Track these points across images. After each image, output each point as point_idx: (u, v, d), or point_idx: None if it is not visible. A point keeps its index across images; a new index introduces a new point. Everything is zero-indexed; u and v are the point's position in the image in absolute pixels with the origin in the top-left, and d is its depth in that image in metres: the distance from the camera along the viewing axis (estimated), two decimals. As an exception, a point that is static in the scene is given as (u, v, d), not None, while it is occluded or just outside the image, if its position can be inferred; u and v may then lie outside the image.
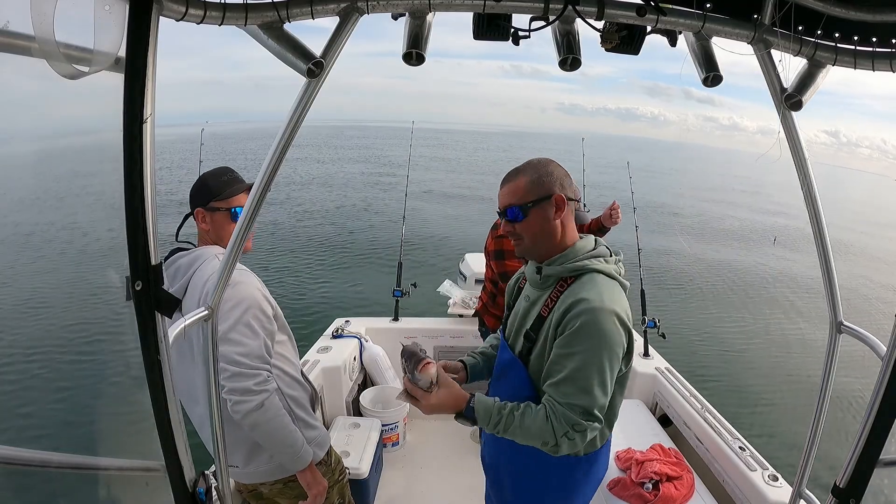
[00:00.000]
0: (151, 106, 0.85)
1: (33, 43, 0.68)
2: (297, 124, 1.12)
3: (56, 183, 12.87)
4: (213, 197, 1.49)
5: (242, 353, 1.31)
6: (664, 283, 8.86)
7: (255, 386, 1.31)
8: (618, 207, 2.55)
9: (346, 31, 1.08)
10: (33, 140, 9.24)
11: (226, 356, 1.30)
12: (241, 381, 1.29)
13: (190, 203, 1.50)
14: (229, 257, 1.21)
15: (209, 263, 1.42)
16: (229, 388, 1.30)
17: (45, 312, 5.93)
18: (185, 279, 1.41)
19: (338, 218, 13.82)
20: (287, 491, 1.53)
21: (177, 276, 1.43)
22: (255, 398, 1.30)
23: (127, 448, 1.16)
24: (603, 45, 1.20)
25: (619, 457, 2.11)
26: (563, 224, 1.27)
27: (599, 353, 1.13)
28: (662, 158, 64.86)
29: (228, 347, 1.31)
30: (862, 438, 1.14)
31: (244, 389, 1.30)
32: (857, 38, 1.12)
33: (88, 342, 4.95)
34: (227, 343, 1.31)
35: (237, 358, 1.30)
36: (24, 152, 11.19)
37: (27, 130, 1.75)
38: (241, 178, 1.54)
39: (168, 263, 1.44)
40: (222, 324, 1.31)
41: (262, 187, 1.16)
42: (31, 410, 3.84)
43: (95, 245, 7.94)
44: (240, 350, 1.31)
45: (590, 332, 1.13)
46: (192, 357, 1.40)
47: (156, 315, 0.94)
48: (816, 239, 1.32)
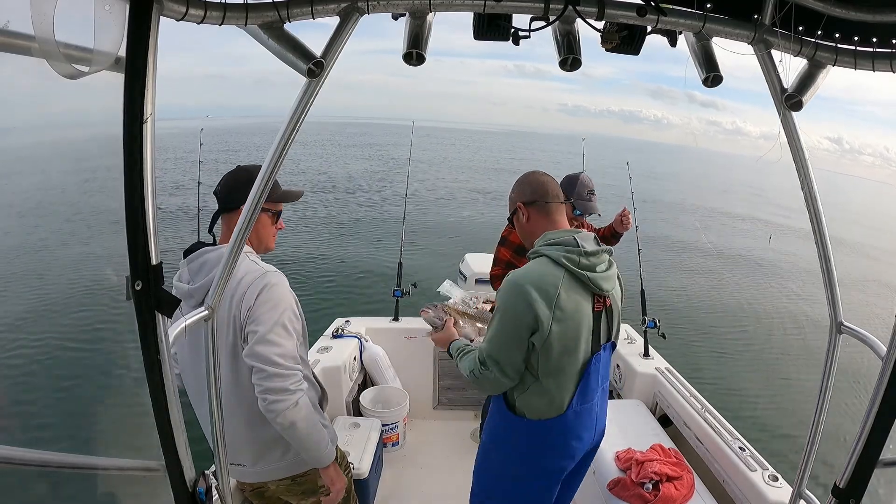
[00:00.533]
0: (152, 106, 0.85)
1: (33, 43, 0.68)
2: (297, 124, 1.12)
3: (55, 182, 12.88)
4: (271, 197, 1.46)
5: (280, 354, 1.33)
6: (664, 283, 8.86)
7: (292, 385, 1.33)
8: (628, 214, 2.59)
9: (346, 31, 1.08)
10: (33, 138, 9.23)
11: (264, 357, 1.31)
12: (280, 381, 1.31)
13: (231, 199, 1.43)
14: (230, 257, 1.21)
15: (240, 262, 1.38)
16: (266, 387, 1.31)
17: (45, 312, 5.93)
18: (213, 275, 1.38)
19: (338, 217, 13.82)
20: (294, 487, 1.53)
21: (202, 270, 1.38)
22: (292, 397, 1.33)
23: (127, 448, 1.16)
24: (603, 46, 1.20)
25: (619, 457, 2.11)
26: (535, 224, 1.55)
27: (500, 315, 1.42)
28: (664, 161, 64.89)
29: (267, 348, 1.32)
30: (862, 438, 1.14)
31: (281, 389, 1.31)
32: (857, 38, 1.12)
33: (88, 342, 4.95)
34: (266, 344, 1.32)
35: (276, 359, 1.32)
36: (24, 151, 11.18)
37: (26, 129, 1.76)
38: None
39: (193, 257, 1.40)
40: (259, 325, 1.32)
41: (262, 187, 1.16)
42: (31, 410, 3.84)
43: (96, 245, 7.94)
44: (277, 351, 1.33)
45: (500, 298, 1.44)
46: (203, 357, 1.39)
47: (156, 315, 0.94)
48: (816, 239, 1.32)
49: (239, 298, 1.34)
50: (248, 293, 1.34)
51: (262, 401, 1.32)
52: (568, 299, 1.36)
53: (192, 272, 1.39)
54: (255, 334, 1.32)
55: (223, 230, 1.48)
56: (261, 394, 1.32)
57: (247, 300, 1.34)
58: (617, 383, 3.06)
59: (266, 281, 1.36)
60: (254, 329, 1.33)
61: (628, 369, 2.95)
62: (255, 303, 1.33)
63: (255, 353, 1.31)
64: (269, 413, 1.33)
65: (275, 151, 1.13)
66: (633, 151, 76.81)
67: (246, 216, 1.18)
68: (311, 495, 1.54)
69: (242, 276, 1.36)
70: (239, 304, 1.34)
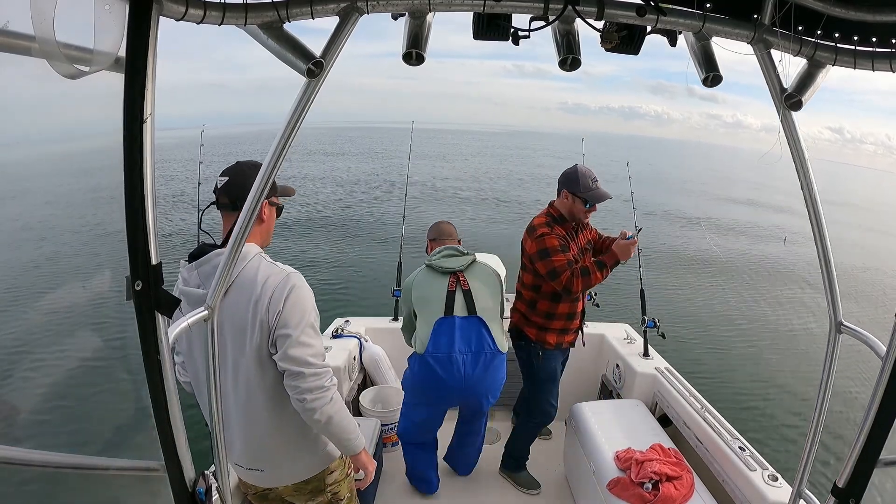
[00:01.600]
0: (151, 106, 0.85)
1: (33, 43, 0.68)
2: (297, 124, 1.12)
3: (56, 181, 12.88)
4: (276, 191, 1.46)
5: (313, 354, 1.34)
6: (664, 282, 8.86)
7: (327, 382, 1.36)
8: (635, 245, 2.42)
9: (346, 31, 1.08)
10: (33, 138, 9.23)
11: (299, 359, 1.32)
12: (316, 381, 1.33)
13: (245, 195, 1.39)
14: (230, 257, 1.21)
15: (256, 263, 1.37)
16: (303, 388, 1.32)
17: (45, 312, 5.93)
18: (231, 277, 1.34)
19: (338, 217, 13.82)
20: (303, 487, 1.54)
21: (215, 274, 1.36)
22: (328, 394, 1.35)
23: (127, 448, 1.16)
24: (603, 45, 1.20)
25: (618, 457, 2.11)
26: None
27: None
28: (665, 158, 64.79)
29: (300, 350, 1.32)
30: (862, 438, 1.14)
31: (318, 387, 1.33)
32: (856, 38, 1.12)
33: (88, 342, 4.94)
34: (299, 346, 1.32)
35: (310, 360, 1.33)
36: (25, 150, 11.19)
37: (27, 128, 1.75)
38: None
39: (203, 261, 1.36)
40: (291, 329, 1.32)
41: (261, 187, 1.16)
42: (31, 410, 3.83)
43: (96, 244, 7.94)
44: (311, 352, 1.34)
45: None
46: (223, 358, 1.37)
47: (156, 315, 0.94)
48: (816, 239, 1.32)
49: (266, 302, 1.32)
50: (274, 297, 1.33)
51: (300, 401, 1.33)
52: (423, 280, 2.29)
53: (203, 276, 1.35)
54: (289, 338, 1.32)
55: (224, 229, 1.45)
56: (297, 394, 1.33)
57: (274, 304, 1.33)
58: (617, 383, 3.06)
59: (291, 283, 1.36)
60: (286, 333, 1.32)
61: (628, 369, 2.95)
62: (283, 307, 1.33)
63: (290, 357, 1.32)
64: (308, 412, 1.34)
65: (275, 151, 1.13)
66: (634, 149, 76.77)
67: (246, 215, 1.18)
68: (319, 495, 1.54)
69: (265, 279, 1.34)
70: (266, 309, 1.32)
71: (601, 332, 3.22)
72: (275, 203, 1.48)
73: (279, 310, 1.33)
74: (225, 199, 1.40)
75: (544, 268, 2.28)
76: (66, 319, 5.67)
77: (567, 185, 2.34)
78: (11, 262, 7.48)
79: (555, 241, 2.28)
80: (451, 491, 2.62)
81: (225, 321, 1.33)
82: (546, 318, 2.41)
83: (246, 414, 1.41)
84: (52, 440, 2.84)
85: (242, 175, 1.39)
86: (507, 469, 2.69)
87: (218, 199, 1.42)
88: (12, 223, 9.07)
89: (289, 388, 1.35)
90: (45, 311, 5.98)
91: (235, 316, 1.34)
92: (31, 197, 11.04)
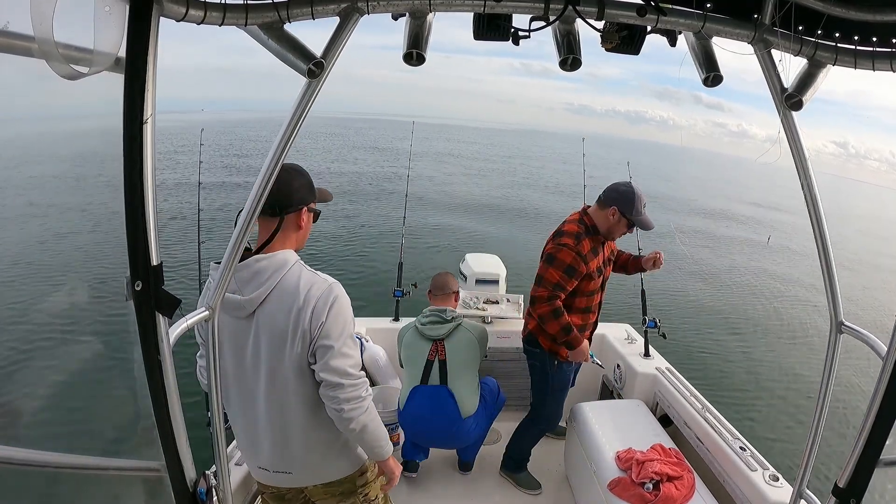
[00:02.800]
0: (152, 106, 0.85)
1: (33, 44, 0.68)
2: (297, 124, 1.12)
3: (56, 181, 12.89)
4: (314, 197, 1.43)
5: (352, 365, 1.35)
6: (664, 283, 8.86)
7: (364, 393, 1.37)
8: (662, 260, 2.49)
9: (346, 32, 1.08)
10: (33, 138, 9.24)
11: (340, 370, 1.32)
12: (354, 391, 1.34)
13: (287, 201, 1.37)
14: (230, 257, 1.21)
15: (297, 271, 1.36)
16: (342, 398, 1.32)
17: (46, 313, 5.93)
18: (269, 286, 1.33)
19: (338, 217, 13.82)
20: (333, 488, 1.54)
21: (255, 280, 1.32)
22: (364, 403, 1.36)
23: (127, 448, 1.16)
24: (603, 45, 1.20)
25: (619, 457, 2.11)
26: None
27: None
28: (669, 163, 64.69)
29: (341, 361, 1.33)
30: (862, 438, 1.14)
31: (356, 398, 1.34)
32: (857, 37, 1.12)
33: (89, 342, 4.95)
34: (340, 357, 1.33)
35: (350, 371, 1.34)
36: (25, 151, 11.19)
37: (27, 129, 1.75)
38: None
39: (242, 266, 1.32)
40: (333, 339, 1.32)
41: (262, 186, 1.16)
42: (31, 410, 3.84)
43: (96, 244, 7.95)
44: (350, 363, 1.35)
45: None
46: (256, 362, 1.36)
47: (156, 315, 0.94)
48: (817, 239, 1.31)
49: (309, 313, 1.31)
50: (317, 307, 1.32)
51: (337, 411, 1.33)
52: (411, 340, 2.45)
53: (241, 281, 1.32)
54: (331, 349, 1.32)
55: (260, 233, 1.40)
56: (335, 404, 1.33)
57: (317, 314, 1.32)
58: (617, 383, 3.06)
59: (334, 294, 1.35)
60: (328, 344, 1.32)
61: (629, 369, 2.95)
62: (326, 317, 1.32)
63: (332, 368, 1.32)
64: (344, 421, 1.35)
65: (275, 151, 1.13)
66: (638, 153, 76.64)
67: (248, 213, 1.18)
68: (350, 496, 1.55)
69: (308, 288, 1.33)
70: (309, 318, 1.31)
71: (602, 333, 3.22)
72: (312, 209, 1.46)
73: (322, 321, 1.31)
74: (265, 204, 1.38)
75: (542, 270, 2.26)
76: (66, 320, 5.67)
77: (620, 203, 2.24)
78: (11, 263, 7.48)
79: (568, 259, 2.21)
80: (451, 491, 2.62)
81: (262, 326, 1.33)
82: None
83: (279, 418, 1.40)
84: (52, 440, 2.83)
85: (284, 181, 1.35)
86: (508, 470, 2.69)
87: None
88: (12, 224, 9.08)
89: (325, 398, 1.35)
90: (45, 311, 5.98)
91: (275, 323, 1.32)
92: (32, 198, 11.06)
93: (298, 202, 1.40)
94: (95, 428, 2.44)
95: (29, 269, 7.47)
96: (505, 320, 3.24)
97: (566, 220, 2.36)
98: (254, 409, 1.40)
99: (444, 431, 2.42)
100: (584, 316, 2.38)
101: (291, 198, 1.38)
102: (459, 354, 2.40)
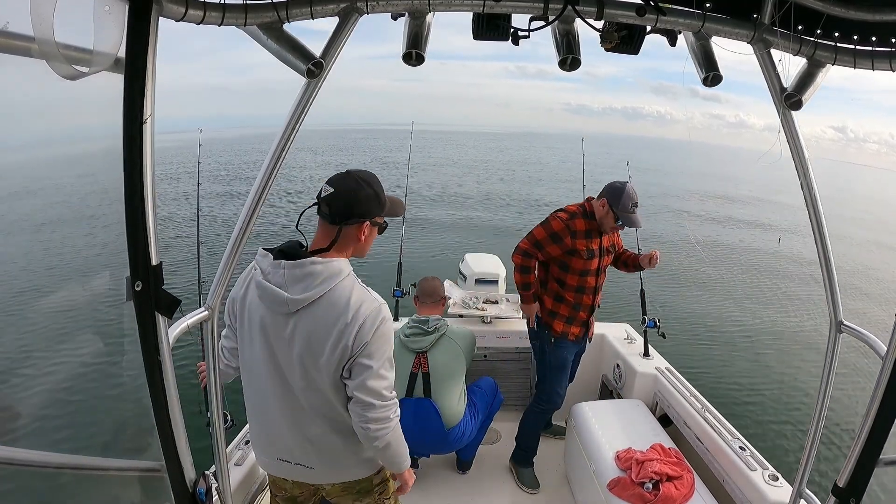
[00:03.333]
0: (151, 106, 0.85)
1: (33, 44, 0.68)
2: (296, 124, 1.12)
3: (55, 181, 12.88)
4: (381, 210, 1.37)
5: (387, 387, 1.35)
6: (664, 282, 8.86)
7: (393, 414, 1.37)
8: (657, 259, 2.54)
9: (345, 32, 1.08)
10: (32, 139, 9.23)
11: (375, 391, 1.32)
12: (384, 412, 1.34)
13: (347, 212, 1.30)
14: (230, 257, 1.21)
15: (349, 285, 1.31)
16: (371, 417, 1.32)
17: (46, 312, 5.93)
18: (319, 291, 1.28)
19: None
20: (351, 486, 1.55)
21: (305, 281, 1.28)
22: (391, 423, 1.36)
23: (127, 448, 1.16)
24: (603, 45, 1.20)
25: (619, 457, 2.11)
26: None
27: None
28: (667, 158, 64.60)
29: (378, 382, 1.32)
30: (862, 438, 1.14)
31: (385, 418, 1.34)
32: (856, 37, 1.12)
33: (89, 342, 4.94)
34: (378, 378, 1.32)
35: (384, 393, 1.34)
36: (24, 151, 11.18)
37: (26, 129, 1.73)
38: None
39: (297, 264, 1.27)
40: (373, 360, 1.31)
41: (261, 187, 1.16)
42: (31, 411, 3.84)
43: (96, 244, 7.95)
44: (385, 384, 1.34)
45: None
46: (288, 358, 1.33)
47: (156, 315, 0.94)
48: (816, 239, 1.32)
49: (354, 330, 1.28)
50: (364, 326, 1.29)
51: (364, 429, 1.33)
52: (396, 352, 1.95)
53: (291, 279, 1.28)
54: (369, 370, 1.31)
55: (318, 236, 1.35)
56: (363, 422, 1.33)
57: (363, 334, 1.29)
58: (617, 383, 3.06)
59: (382, 315, 1.33)
60: (367, 364, 1.30)
61: (628, 369, 2.95)
62: (371, 338, 1.30)
63: (367, 388, 1.31)
64: (369, 438, 1.35)
65: (275, 151, 1.13)
66: (637, 149, 76.52)
67: (247, 212, 1.18)
68: (367, 496, 1.56)
69: (358, 306, 1.30)
70: (354, 336, 1.29)
71: (601, 332, 3.22)
72: (377, 223, 1.39)
73: (366, 341, 1.29)
74: (325, 208, 1.31)
75: (534, 229, 2.44)
76: (66, 320, 5.67)
77: (609, 196, 2.38)
78: (11, 263, 7.48)
79: (556, 227, 2.37)
80: (451, 490, 2.62)
81: (301, 328, 1.29)
82: (555, 301, 2.48)
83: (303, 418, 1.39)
84: (52, 440, 2.84)
85: (348, 190, 1.30)
86: (516, 461, 2.71)
87: (319, 206, 1.33)
88: (12, 224, 9.08)
89: (354, 414, 1.34)
90: (45, 311, 5.98)
91: (316, 329, 1.30)
92: (31, 198, 11.05)
93: (360, 215, 1.32)
94: (95, 428, 2.43)
95: (28, 268, 7.47)
96: (504, 320, 3.24)
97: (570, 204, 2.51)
98: (277, 402, 1.39)
99: (430, 442, 2.42)
100: (576, 295, 2.45)
101: (352, 210, 1.30)
102: (443, 367, 2.38)
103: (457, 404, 2.42)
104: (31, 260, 7.81)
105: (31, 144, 11.14)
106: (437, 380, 2.38)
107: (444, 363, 2.39)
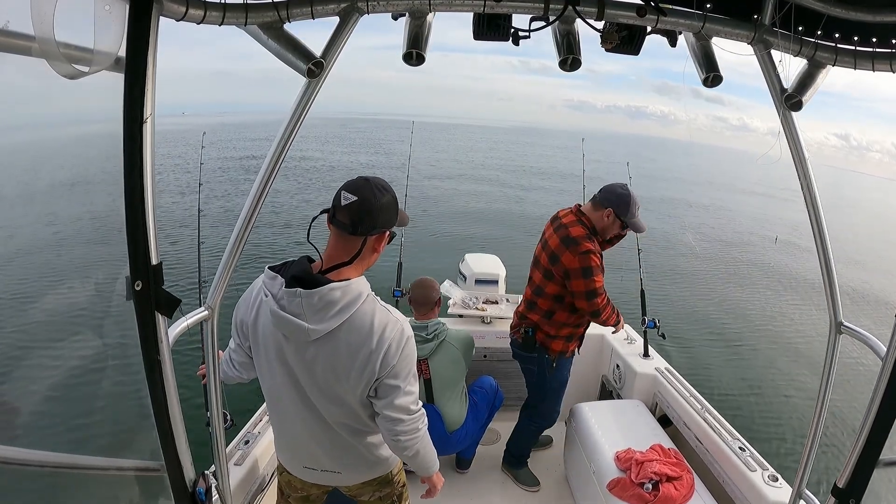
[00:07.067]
0: (151, 106, 0.85)
1: (33, 43, 0.68)
2: (297, 124, 1.12)
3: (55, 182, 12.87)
4: (395, 222, 1.31)
5: (413, 401, 1.37)
6: (664, 283, 8.86)
7: (421, 424, 1.39)
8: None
9: (346, 31, 1.08)
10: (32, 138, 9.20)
11: (403, 408, 1.33)
12: (413, 424, 1.36)
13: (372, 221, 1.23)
14: (230, 257, 1.21)
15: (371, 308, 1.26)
16: (400, 430, 1.33)
17: (45, 311, 5.92)
18: (340, 318, 1.22)
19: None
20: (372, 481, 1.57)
21: (325, 310, 1.21)
22: (420, 433, 1.39)
23: (127, 448, 1.16)
24: (603, 46, 1.20)
25: (618, 457, 2.11)
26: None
27: None
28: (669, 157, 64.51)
29: (405, 398, 1.33)
30: (862, 438, 1.14)
31: (414, 430, 1.36)
32: (857, 38, 1.12)
33: (88, 342, 4.94)
34: (405, 395, 1.33)
35: (412, 407, 1.36)
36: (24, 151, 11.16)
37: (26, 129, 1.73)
38: None
39: (314, 293, 1.19)
40: (400, 380, 1.30)
41: (261, 186, 1.16)
42: (31, 410, 3.83)
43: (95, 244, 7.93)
44: (412, 399, 1.36)
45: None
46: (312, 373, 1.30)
47: (156, 315, 0.94)
48: (816, 239, 1.32)
49: (380, 356, 1.26)
50: (390, 350, 1.27)
51: (394, 441, 1.35)
52: None
53: (309, 308, 1.20)
54: (397, 389, 1.31)
55: (333, 249, 1.27)
56: (392, 435, 1.35)
57: (389, 358, 1.27)
58: (617, 383, 3.06)
59: (407, 335, 1.32)
60: (395, 384, 1.30)
61: (628, 369, 2.95)
62: (398, 359, 1.29)
63: (396, 406, 1.32)
64: (399, 449, 1.39)
65: (275, 151, 1.13)
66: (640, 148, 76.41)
67: (246, 216, 1.18)
68: (387, 486, 1.58)
69: (382, 329, 1.26)
70: (380, 362, 1.27)
71: (601, 333, 3.22)
72: (393, 233, 1.37)
73: (393, 364, 1.28)
74: (345, 218, 1.21)
75: (583, 286, 2.18)
76: (66, 319, 5.65)
77: (616, 205, 2.23)
78: (10, 263, 7.46)
79: (598, 261, 2.21)
80: (450, 489, 2.62)
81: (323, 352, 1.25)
82: (558, 329, 2.36)
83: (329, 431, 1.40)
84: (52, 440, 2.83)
85: (372, 200, 1.22)
86: (508, 465, 2.70)
87: (335, 215, 1.23)
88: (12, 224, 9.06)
89: (384, 429, 1.36)
90: (44, 310, 5.96)
91: (338, 354, 1.26)
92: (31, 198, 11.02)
93: (384, 223, 1.26)
94: (95, 428, 2.43)
95: (28, 268, 7.45)
96: (504, 320, 3.23)
97: (566, 224, 2.29)
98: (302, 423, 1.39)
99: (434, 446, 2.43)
100: (579, 317, 2.36)
101: (377, 218, 1.22)
102: (444, 373, 2.39)
103: (458, 408, 2.44)
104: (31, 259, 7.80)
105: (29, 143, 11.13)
106: (439, 385, 2.38)
107: (444, 369, 2.39)
